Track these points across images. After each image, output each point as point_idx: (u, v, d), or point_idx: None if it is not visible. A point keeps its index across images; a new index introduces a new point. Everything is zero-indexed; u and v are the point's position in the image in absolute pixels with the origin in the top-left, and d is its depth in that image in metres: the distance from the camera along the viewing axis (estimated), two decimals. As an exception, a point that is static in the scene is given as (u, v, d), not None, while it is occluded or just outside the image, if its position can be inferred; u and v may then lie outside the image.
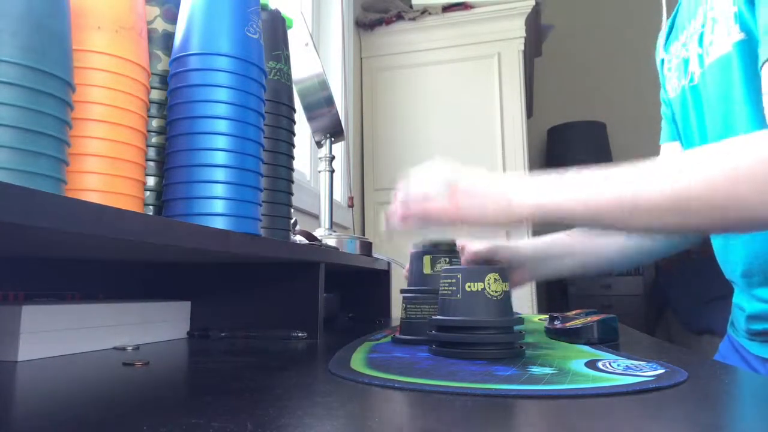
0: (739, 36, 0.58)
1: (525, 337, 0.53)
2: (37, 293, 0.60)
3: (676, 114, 0.77)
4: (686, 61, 0.71)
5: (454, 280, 0.48)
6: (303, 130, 1.21)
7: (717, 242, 0.73)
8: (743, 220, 0.45)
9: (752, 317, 0.67)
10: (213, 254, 0.52)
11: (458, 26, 2.01)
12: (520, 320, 0.49)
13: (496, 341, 0.47)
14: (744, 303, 0.69)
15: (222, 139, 0.54)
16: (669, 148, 0.83)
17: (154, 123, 0.58)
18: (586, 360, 0.44)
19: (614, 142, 3.00)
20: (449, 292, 0.49)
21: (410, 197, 0.55)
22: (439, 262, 0.60)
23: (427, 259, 0.61)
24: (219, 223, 0.53)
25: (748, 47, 0.57)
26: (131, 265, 0.69)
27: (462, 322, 0.47)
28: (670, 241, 0.81)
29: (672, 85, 0.76)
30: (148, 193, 0.56)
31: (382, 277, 1.07)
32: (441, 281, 0.50)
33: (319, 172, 1.04)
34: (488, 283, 0.48)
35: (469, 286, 0.47)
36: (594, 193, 0.49)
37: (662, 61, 0.81)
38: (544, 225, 0.53)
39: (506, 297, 0.48)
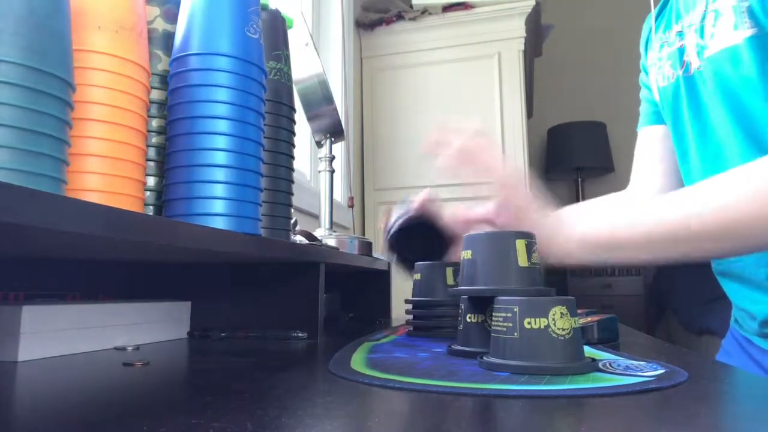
0: (751, 31, 0.59)
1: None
2: (38, 293, 0.60)
3: (665, 102, 0.77)
4: (681, 51, 0.71)
5: (509, 314, 0.40)
6: (303, 130, 1.21)
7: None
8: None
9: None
10: (213, 254, 0.52)
11: (458, 26, 2.01)
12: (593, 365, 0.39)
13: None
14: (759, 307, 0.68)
15: (222, 139, 0.54)
16: (649, 132, 0.85)
17: (155, 123, 0.58)
18: (586, 360, 0.44)
19: (614, 142, 3.00)
20: (504, 329, 0.40)
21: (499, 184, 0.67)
22: None
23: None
24: (219, 223, 0.53)
25: (761, 42, 0.58)
26: (131, 265, 0.69)
27: (520, 368, 0.38)
28: None
29: (665, 72, 0.76)
30: (148, 193, 0.56)
31: (383, 277, 1.06)
32: (494, 314, 0.42)
33: (319, 172, 1.04)
34: (553, 319, 0.39)
35: (529, 323, 0.39)
36: (640, 225, 0.58)
37: (647, 44, 0.81)
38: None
39: (575, 335, 0.39)
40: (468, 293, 0.47)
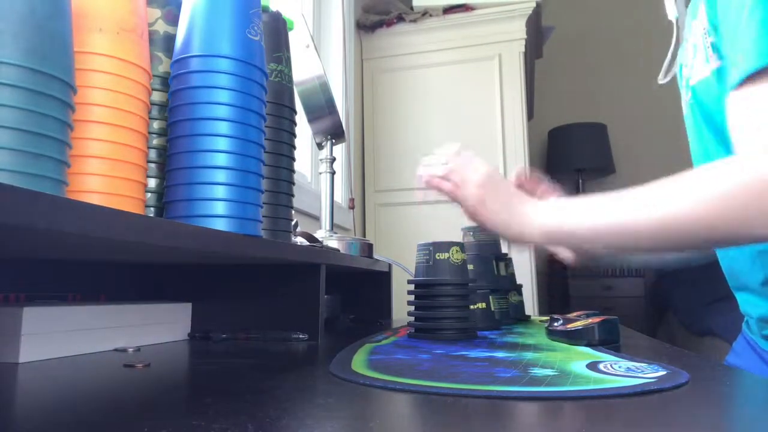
0: (717, 63, 0.62)
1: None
2: (39, 295, 0.60)
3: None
4: (687, 80, 0.75)
5: (427, 251, 0.65)
6: (304, 131, 1.21)
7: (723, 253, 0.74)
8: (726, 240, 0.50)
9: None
10: (214, 256, 0.52)
11: (459, 28, 2.01)
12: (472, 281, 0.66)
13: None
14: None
15: (223, 140, 0.54)
16: None
17: (156, 125, 0.58)
18: (587, 362, 0.44)
19: (615, 143, 3.00)
20: (423, 261, 0.65)
21: (450, 174, 0.65)
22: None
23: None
24: (220, 225, 0.53)
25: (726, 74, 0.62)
26: (132, 266, 0.69)
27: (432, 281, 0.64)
28: None
29: (685, 99, 0.79)
30: (149, 194, 0.56)
31: (383, 278, 1.06)
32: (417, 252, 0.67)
33: (320, 173, 1.04)
34: (452, 253, 0.64)
35: (439, 256, 0.64)
36: (594, 221, 0.55)
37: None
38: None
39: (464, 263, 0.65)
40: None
